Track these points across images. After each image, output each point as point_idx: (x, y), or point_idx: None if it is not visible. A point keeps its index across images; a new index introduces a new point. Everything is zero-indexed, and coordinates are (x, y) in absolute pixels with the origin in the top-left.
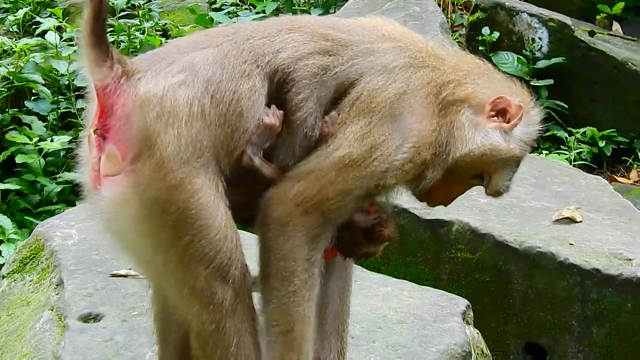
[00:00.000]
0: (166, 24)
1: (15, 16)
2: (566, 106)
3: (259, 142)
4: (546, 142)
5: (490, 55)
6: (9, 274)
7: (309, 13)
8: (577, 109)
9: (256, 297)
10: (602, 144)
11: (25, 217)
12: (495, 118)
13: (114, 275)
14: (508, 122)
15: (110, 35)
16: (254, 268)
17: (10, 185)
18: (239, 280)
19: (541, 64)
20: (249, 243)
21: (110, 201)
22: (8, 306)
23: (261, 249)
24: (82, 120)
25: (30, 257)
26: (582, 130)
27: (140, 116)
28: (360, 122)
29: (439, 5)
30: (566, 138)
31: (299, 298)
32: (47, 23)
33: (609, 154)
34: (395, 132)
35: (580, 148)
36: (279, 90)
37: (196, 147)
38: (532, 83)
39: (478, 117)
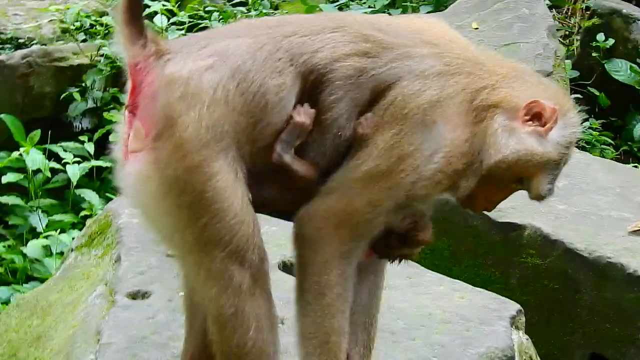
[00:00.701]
0: (274, 12)
1: None
2: None
3: (289, 139)
4: None
5: (604, 62)
6: (77, 247)
7: (419, 10)
8: None
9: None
10: None
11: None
12: (530, 122)
13: (169, 256)
14: (543, 126)
15: (219, 21)
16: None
17: (103, 163)
18: (257, 265)
19: None
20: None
21: (133, 177)
22: (71, 278)
23: (296, 264)
24: None
25: (99, 233)
26: None
27: (165, 95)
28: (391, 130)
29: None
30: None
31: (333, 311)
32: (155, 6)
33: None
34: (426, 142)
35: None
36: (313, 90)
37: (217, 131)
38: None
39: (513, 122)
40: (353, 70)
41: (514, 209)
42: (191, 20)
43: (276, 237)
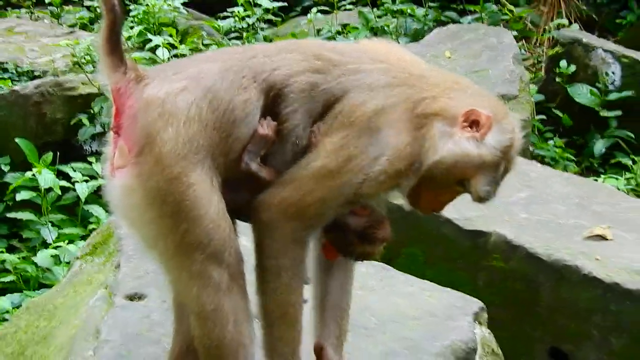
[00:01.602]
0: None
1: (129, 33)
2: (633, 136)
3: (255, 149)
4: (613, 169)
5: (566, 86)
6: (82, 256)
7: (398, 42)
8: None
9: None
10: None
11: None
12: (469, 128)
13: None
14: (479, 132)
15: None
16: None
17: None
18: (234, 265)
19: (612, 96)
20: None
21: (119, 190)
22: (76, 284)
23: (255, 248)
24: None
25: (102, 242)
26: None
27: (144, 115)
28: (339, 134)
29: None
30: (631, 166)
31: (290, 288)
32: (157, 40)
33: None
34: (371, 145)
35: None
36: (274, 104)
37: (192, 145)
38: (602, 114)
39: (452, 128)
40: (306, 84)
41: (481, 217)
42: (191, 52)
43: None
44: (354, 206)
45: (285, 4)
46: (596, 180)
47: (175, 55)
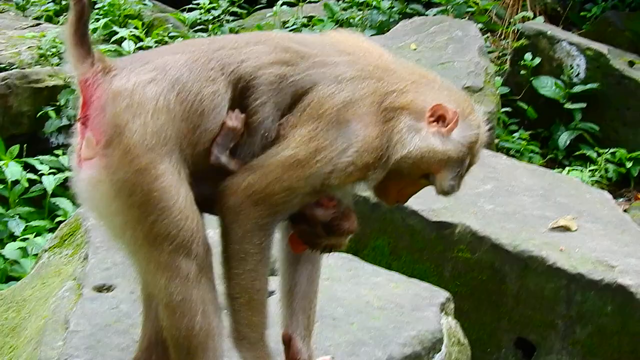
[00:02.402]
0: None
1: (95, 25)
2: (597, 128)
3: (224, 142)
4: (577, 161)
5: (531, 79)
6: (50, 248)
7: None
8: (609, 132)
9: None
10: (629, 164)
11: None
12: (435, 123)
13: None
14: (446, 127)
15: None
16: None
17: None
18: (202, 256)
19: (577, 88)
20: None
21: (87, 181)
22: (44, 276)
23: (220, 233)
24: None
25: (69, 234)
26: (611, 150)
27: (112, 107)
28: (308, 127)
29: (486, 32)
30: (595, 158)
31: (255, 274)
32: (123, 32)
33: (635, 175)
34: (340, 137)
35: (608, 167)
36: (242, 96)
37: (160, 136)
38: (566, 106)
39: (419, 123)
40: (274, 77)
41: (447, 209)
42: (157, 45)
43: None
44: (320, 195)
45: None
46: (560, 172)
47: (141, 48)
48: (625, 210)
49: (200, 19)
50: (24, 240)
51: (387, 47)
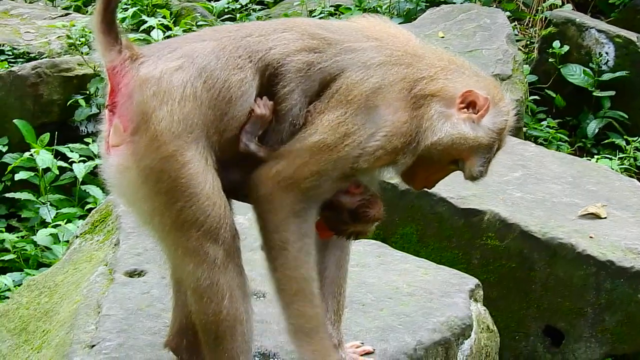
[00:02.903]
0: None
1: (124, 15)
2: (626, 116)
3: (252, 130)
4: (606, 149)
5: (560, 67)
6: (81, 234)
7: None
8: (638, 120)
9: None
10: None
11: None
12: (465, 110)
13: None
14: (477, 114)
15: None
16: None
17: None
18: (229, 241)
19: (606, 76)
20: None
21: (115, 168)
22: (76, 261)
23: (258, 227)
24: None
25: (100, 221)
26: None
27: (140, 94)
28: (336, 112)
29: (514, 20)
30: (624, 146)
31: (299, 263)
32: (151, 21)
33: None
34: (368, 122)
35: (637, 155)
36: (270, 83)
37: (187, 123)
38: (595, 94)
39: (449, 109)
40: (302, 64)
41: (475, 196)
42: (185, 34)
43: None
44: (350, 181)
45: None
46: (589, 160)
47: (169, 37)
48: None
49: (228, 7)
50: (55, 227)
51: (414, 36)
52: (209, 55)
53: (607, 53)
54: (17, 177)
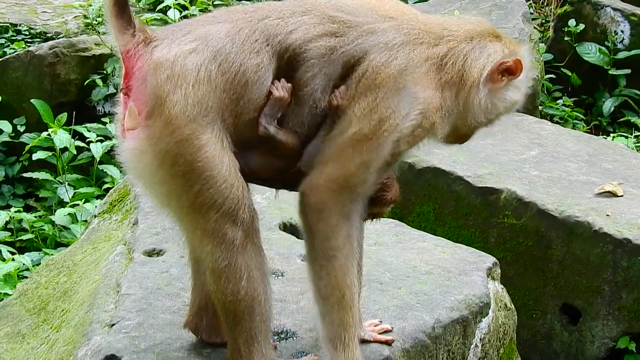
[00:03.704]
0: None
1: None
2: None
3: (271, 113)
4: (622, 127)
5: (575, 45)
6: (100, 214)
7: (406, 2)
8: None
9: None
10: None
11: None
12: (504, 78)
13: None
14: (513, 74)
15: None
16: None
17: None
18: (248, 222)
19: (621, 55)
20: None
21: (130, 151)
22: (94, 241)
23: (305, 235)
24: None
25: (118, 200)
26: None
27: (154, 78)
28: (367, 99)
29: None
30: None
31: (345, 270)
32: (168, 0)
33: None
34: (400, 103)
35: None
36: (289, 67)
37: (202, 107)
38: (610, 72)
39: (490, 86)
40: (325, 49)
41: (492, 174)
42: (201, 13)
43: (277, 201)
44: (391, 168)
45: None
46: (605, 138)
47: (186, 17)
48: None
49: None
50: (73, 206)
51: (430, 14)
52: (224, 38)
53: (622, 31)
54: (35, 156)
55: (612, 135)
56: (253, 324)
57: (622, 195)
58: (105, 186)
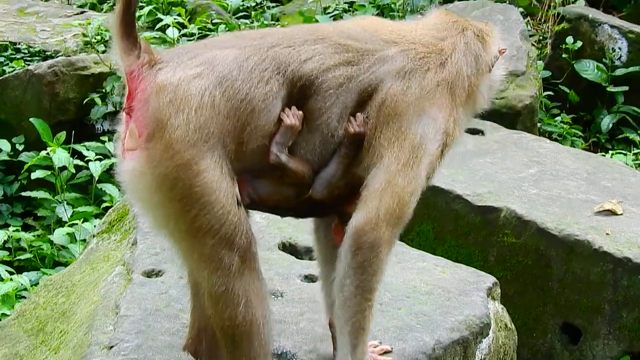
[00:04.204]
0: (275, 24)
1: (139, 13)
2: None
3: (282, 141)
4: (620, 144)
5: (573, 62)
6: (98, 233)
7: (404, 18)
8: None
9: None
10: None
11: None
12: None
13: None
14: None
15: (225, 32)
16: None
17: None
18: (245, 248)
19: (619, 71)
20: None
21: (130, 172)
22: (93, 261)
23: (351, 271)
24: None
25: (117, 220)
26: None
27: (156, 100)
28: (391, 128)
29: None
30: (638, 141)
31: (374, 295)
32: (167, 19)
33: None
34: (425, 128)
35: None
36: (301, 95)
37: (203, 132)
38: (608, 89)
39: (487, 79)
40: (343, 78)
41: (491, 193)
42: (200, 32)
43: (276, 221)
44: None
45: None
46: (604, 155)
47: (185, 35)
48: None
49: (242, 5)
50: (71, 225)
51: None
52: (231, 64)
53: (620, 48)
54: (34, 175)
55: (610, 152)
56: (252, 348)
57: (621, 214)
58: (104, 205)
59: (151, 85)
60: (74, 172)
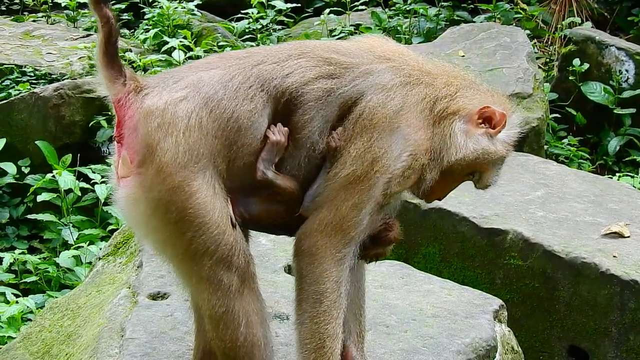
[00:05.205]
0: None
1: (145, 35)
2: None
3: (268, 157)
4: (627, 167)
5: (580, 84)
6: (104, 256)
7: (411, 41)
8: None
9: None
10: None
11: None
12: (483, 125)
13: None
14: (494, 128)
15: None
16: None
17: None
18: (243, 268)
19: (626, 94)
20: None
21: (125, 199)
22: (98, 284)
23: (296, 277)
24: None
25: (123, 243)
26: None
27: (144, 126)
28: (362, 139)
29: (533, 38)
30: None
31: (328, 317)
32: (173, 42)
33: None
34: (393, 144)
35: None
36: (286, 110)
37: (193, 154)
38: (615, 111)
39: (468, 125)
40: (322, 92)
41: (498, 215)
42: (206, 54)
43: (281, 243)
44: (383, 210)
45: (298, 5)
46: (611, 178)
47: (190, 57)
48: None
49: (248, 28)
50: (77, 248)
51: (435, 55)
52: (215, 84)
53: (627, 70)
54: (40, 198)
55: (618, 174)
56: None
57: (628, 236)
58: (110, 227)
59: (139, 111)
60: (80, 194)
